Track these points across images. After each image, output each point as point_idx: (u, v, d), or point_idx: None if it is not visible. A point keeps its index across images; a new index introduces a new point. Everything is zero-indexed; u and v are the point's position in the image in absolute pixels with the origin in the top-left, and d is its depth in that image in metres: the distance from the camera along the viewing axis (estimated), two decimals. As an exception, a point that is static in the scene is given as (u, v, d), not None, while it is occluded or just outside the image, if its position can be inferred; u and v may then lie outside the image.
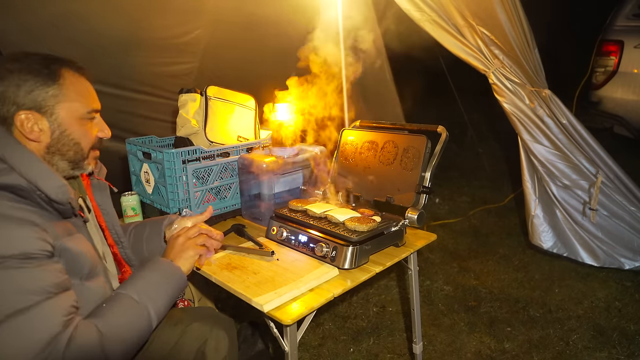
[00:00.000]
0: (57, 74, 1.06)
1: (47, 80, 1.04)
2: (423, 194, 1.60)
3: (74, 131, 1.09)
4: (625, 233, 2.59)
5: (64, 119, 1.07)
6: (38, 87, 1.03)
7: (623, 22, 3.89)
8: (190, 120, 1.99)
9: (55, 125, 1.06)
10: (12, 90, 1.01)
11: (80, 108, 1.09)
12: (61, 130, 1.07)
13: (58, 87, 1.05)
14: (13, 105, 1.02)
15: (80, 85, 1.10)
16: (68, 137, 1.08)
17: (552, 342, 2.16)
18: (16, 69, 1.02)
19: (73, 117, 1.08)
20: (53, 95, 1.04)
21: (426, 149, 1.63)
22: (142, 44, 3.03)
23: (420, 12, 2.39)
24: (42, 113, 1.04)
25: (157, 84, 3.34)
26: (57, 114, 1.06)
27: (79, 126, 1.10)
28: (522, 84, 2.45)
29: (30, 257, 0.93)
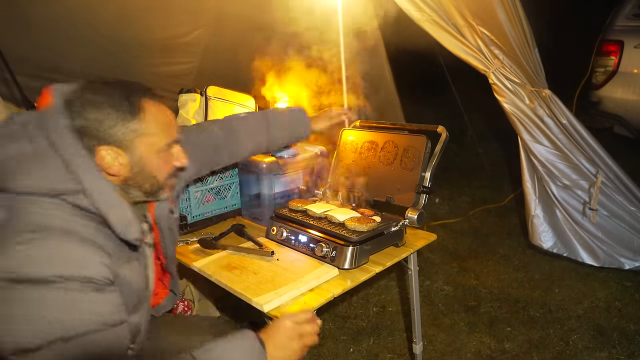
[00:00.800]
0: (138, 107, 1.03)
1: (128, 114, 1.01)
2: (423, 194, 1.60)
3: (152, 165, 1.07)
4: (625, 233, 2.59)
5: (143, 153, 1.04)
6: (119, 123, 1.00)
7: (623, 22, 3.88)
8: (190, 120, 1.99)
9: (134, 160, 1.03)
10: (94, 126, 0.98)
11: (159, 141, 1.06)
12: (142, 166, 1.05)
13: (138, 121, 1.02)
14: (94, 139, 0.99)
15: (160, 115, 1.07)
16: (146, 172, 1.06)
17: (552, 342, 2.16)
18: (98, 102, 0.99)
19: (152, 150, 1.06)
20: (133, 130, 1.02)
21: (426, 149, 1.63)
22: (142, 44, 3.03)
23: (420, 12, 2.39)
24: (122, 148, 1.01)
25: (157, 84, 3.33)
26: (136, 148, 1.03)
27: (157, 159, 1.07)
28: (522, 84, 2.45)
29: (91, 281, 0.89)
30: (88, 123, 0.98)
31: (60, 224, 0.92)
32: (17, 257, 0.85)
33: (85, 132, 0.98)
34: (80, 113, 0.98)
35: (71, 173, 0.94)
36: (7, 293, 0.84)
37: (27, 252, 0.86)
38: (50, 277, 0.85)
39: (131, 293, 1.04)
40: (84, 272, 0.89)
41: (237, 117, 1.59)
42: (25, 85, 2.49)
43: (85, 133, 0.98)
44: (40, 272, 0.85)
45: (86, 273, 0.89)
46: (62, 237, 0.90)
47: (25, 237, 0.87)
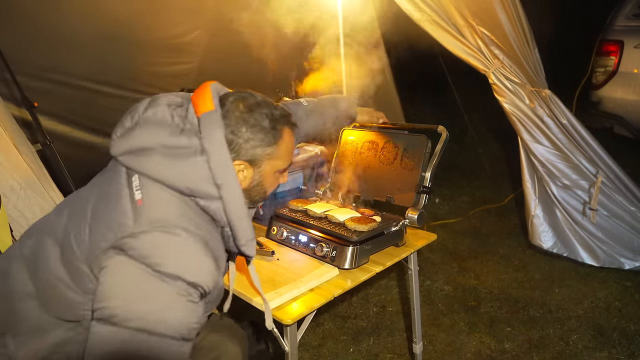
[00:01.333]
0: (280, 135, 1.09)
1: (270, 140, 1.07)
2: (423, 194, 1.60)
3: (268, 182, 1.14)
4: (625, 233, 2.59)
5: (266, 172, 1.11)
6: (262, 146, 1.06)
7: (623, 22, 3.88)
8: (191, 120, 1.99)
9: (257, 176, 1.10)
10: (240, 142, 1.03)
11: (281, 165, 1.14)
12: (259, 181, 1.11)
13: (276, 147, 1.08)
14: (234, 153, 1.04)
15: (290, 143, 1.14)
16: (261, 187, 1.13)
17: (552, 342, 2.16)
18: (252, 122, 1.04)
19: (272, 171, 1.13)
20: (269, 153, 1.08)
21: (426, 148, 1.63)
22: (142, 44, 3.03)
23: (420, 12, 2.39)
24: (251, 164, 1.07)
25: (157, 84, 3.34)
26: (263, 167, 1.09)
27: (273, 178, 1.15)
28: (522, 84, 2.45)
29: (196, 288, 0.92)
30: (236, 138, 1.03)
31: (188, 222, 0.96)
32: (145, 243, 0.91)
33: (231, 144, 1.03)
34: (230, 126, 1.02)
35: (214, 178, 0.98)
36: (124, 267, 0.90)
37: (154, 242, 0.92)
38: (165, 272, 0.90)
39: (218, 296, 1.09)
40: (195, 279, 0.92)
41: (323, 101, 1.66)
42: (25, 85, 2.49)
43: (231, 145, 1.03)
44: (158, 263, 0.90)
45: (196, 280, 0.92)
46: (190, 236, 0.94)
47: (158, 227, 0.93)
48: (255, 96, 1.09)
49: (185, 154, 0.98)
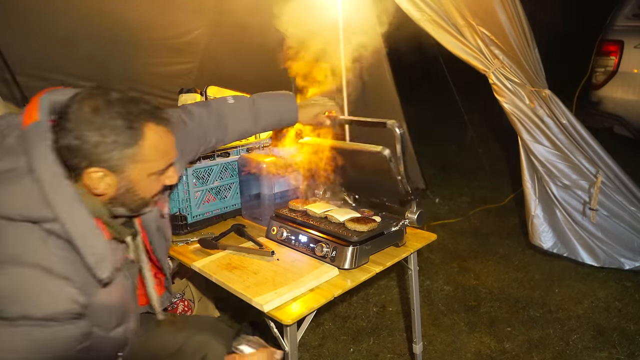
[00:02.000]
0: (140, 133, 0.97)
1: (128, 140, 0.95)
2: (411, 200, 1.56)
3: (141, 188, 1.03)
4: (625, 233, 2.59)
5: (134, 177, 1.00)
6: (117, 148, 0.94)
7: (623, 22, 3.88)
8: (190, 120, 1.99)
9: (123, 183, 0.99)
10: (87, 147, 0.92)
11: (153, 167, 1.02)
12: (128, 187, 1.01)
13: (137, 148, 0.97)
14: (85, 160, 0.93)
15: (160, 141, 1.01)
16: (134, 193, 1.03)
17: (552, 342, 2.16)
18: (98, 123, 0.92)
19: (144, 175, 1.01)
20: (130, 156, 0.97)
21: (390, 160, 1.50)
22: (142, 44, 3.03)
23: (420, 12, 2.39)
24: (112, 171, 0.96)
25: (157, 84, 3.34)
26: (128, 172, 0.98)
27: (147, 182, 1.03)
28: (522, 84, 2.45)
29: (53, 319, 0.89)
30: (81, 144, 0.92)
31: (30, 255, 0.90)
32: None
33: (76, 152, 0.92)
34: (73, 131, 0.91)
35: (46, 200, 0.90)
36: None
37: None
38: (13, 316, 0.86)
39: (110, 313, 1.03)
40: (48, 311, 0.88)
41: (226, 102, 1.51)
42: (25, 85, 2.49)
43: (76, 152, 0.92)
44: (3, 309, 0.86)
45: (49, 312, 0.89)
46: (32, 270, 0.89)
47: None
48: (109, 93, 0.96)
49: (11, 178, 0.90)
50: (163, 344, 1.31)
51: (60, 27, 2.65)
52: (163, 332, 1.34)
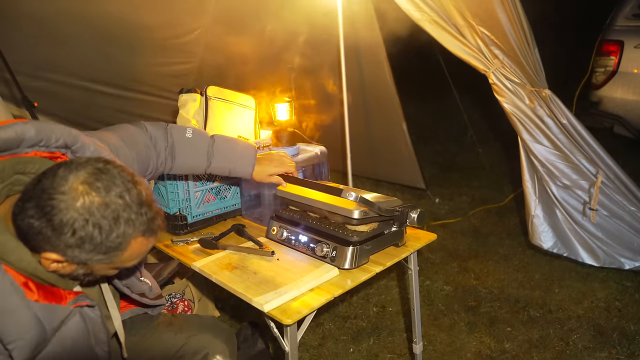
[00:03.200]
0: (124, 246, 0.87)
1: (109, 251, 0.86)
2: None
3: (99, 273, 0.95)
4: (625, 233, 2.59)
5: (96, 269, 0.92)
6: (92, 254, 0.85)
7: (623, 22, 3.88)
8: (191, 120, 1.99)
9: (81, 271, 0.91)
10: (59, 243, 0.82)
11: (120, 265, 0.94)
12: (85, 273, 0.92)
13: (111, 257, 0.87)
14: (50, 246, 0.83)
15: (140, 252, 0.92)
16: (91, 275, 0.95)
17: (552, 342, 2.16)
18: (84, 230, 0.82)
19: (107, 268, 0.94)
20: (102, 259, 0.87)
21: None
22: (142, 44, 3.03)
23: (420, 12, 2.39)
24: (75, 263, 0.87)
25: (157, 84, 3.34)
26: (92, 265, 0.89)
27: (106, 271, 0.96)
28: (522, 84, 2.45)
29: None
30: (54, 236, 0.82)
31: None
32: None
33: (45, 238, 0.82)
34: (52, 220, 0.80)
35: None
36: None
37: None
38: None
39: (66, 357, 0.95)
40: None
41: (184, 134, 1.42)
42: (25, 85, 2.50)
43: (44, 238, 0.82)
44: None
45: None
46: None
47: None
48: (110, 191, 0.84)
49: None
50: (163, 344, 1.31)
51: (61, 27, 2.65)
52: (163, 333, 1.34)
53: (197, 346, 1.29)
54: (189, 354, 1.29)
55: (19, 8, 2.48)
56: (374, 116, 3.92)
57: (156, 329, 1.35)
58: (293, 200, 1.61)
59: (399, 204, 1.53)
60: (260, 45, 3.53)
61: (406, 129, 3.73)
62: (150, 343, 1.32)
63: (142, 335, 1.32)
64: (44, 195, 0.81)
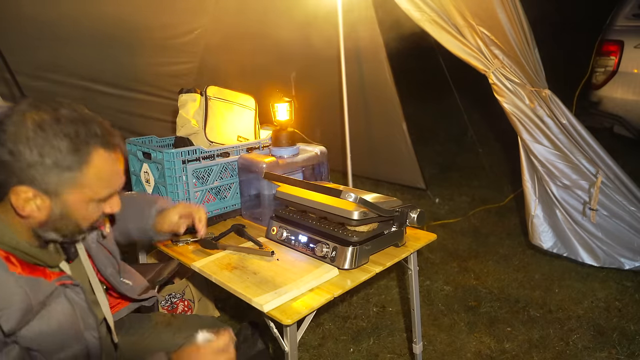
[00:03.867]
0: (86, 159, 0.87)
1: (71, 165, 0.86)
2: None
3: (78, 214, 0.93)
4: (625, 233, 2.59)
5: (71, 202, 0.90)
6: (55, 171, 0.85)
7: (623, 22, 3.88)
8: (190, 120, 1.99)
9: (57, 207, 0.89)
10: (21, 165, 0.83)
11: (94, 195, 0.92)
12: (63, 213, 0.91)
13: (79, 173, 0.87)
14: (14, 177, 0.84)
15: (106, 169, 0.92)
16: (68, 219, 0.92)
17: (552, 342, 2.16)
18: (39, 141, 0.83)
19: (82, 201, 0.91)
20: (69, 180, 0.87)
21: None
22: (142, 44, 3.03)
23: (420, 12, 2.39)
24: (47, 194, 0.87)
25: (157, 84, 3.35)
26: (65, 197, 0.88)
27: (85, 209, 0.93)
28: (522, 84, 2.45)
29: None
30: (14, 160, 0.82)
31: None
32: None
33: (5, 168, 0.82)
34: (6, 145, 0.82)
35: None
36: None
37: None
38: None
39: (47, 342, 0.93)
40: None
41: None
42: (25, 85, 2.50)
43: (6, 169, 0.83)
44: None
45: None
46: None
47: None
48: (59, 109, 0.86)
49: None
50: (162, 344, 1.31)
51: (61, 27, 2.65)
52: (161, 333, 1.34)
53: None
54: None
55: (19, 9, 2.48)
56: (374, 116, 3.92)
57: (155, 328, 1.35)
58: (293, 201, 1.61)
59: (398, 204, 1.53)
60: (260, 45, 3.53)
61: (406, 129, 3.73)
62: (148, 343, 1.32)
63: (140, 335, 1.32)
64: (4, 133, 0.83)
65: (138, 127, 3.35)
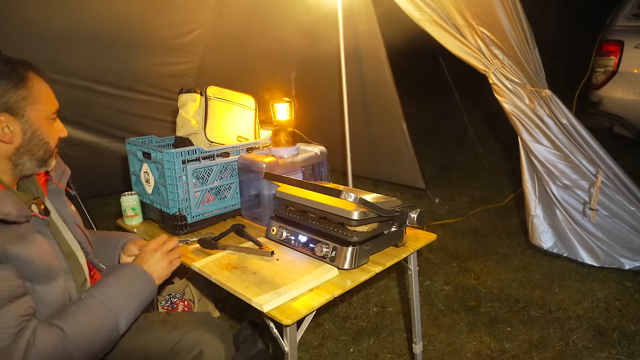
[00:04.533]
0: (25, 76, 1.10)
1: (17, 82, 1.08)
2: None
3: (44, 131, 1.14)
4: (625, 233, 2.59)
5: (34, 120, 1.11)
6: (10, 90, 1.06)
7: (623, 22, 3.88)
8: (190, 120, 1.99)
9: (27, 126, 1.10)
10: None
11: (46, 109, 1.15)
12: (32, 131, 1.11)
13: (27, 90, 1.09)
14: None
15: (43, 87, 1.15)
16: (39, 137, 1.13)
17: (552, 342, 2.16)
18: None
19: (42, 117, 1.13)
20: (24, 97, 1.08)
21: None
22: (142, 44, 3.03)
23: (420, 12, 2.39)
24: (14, 115, 1.07)
25: (157, 84, 3.35)
26: (27, 115, 1.10)
27: (47, 126, 1.15)
28: (522, 84, 2.45)
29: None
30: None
31: None
32: None
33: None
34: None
35: None
36: None
37: None
38: None
39: (34, 267, 1.03)
40: None
41: None
42: (25, 85, 2.49)
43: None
44: None
45: None
46: None
47: None
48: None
49: None
50: (158, 342, 1.31)
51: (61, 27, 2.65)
52: (157, 331, 1.34)
53: (191, 342, 1.30)
54: (184, 350, 1.29)
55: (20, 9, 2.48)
56: (374, 116, 3.92)
57: (151, 326, 1.36)
58: (292, 201, 1.62)
59: (398, 204, 1.53)
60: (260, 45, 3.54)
61: (406, 129, 3.73)
62: (145, 340, 1.32)
63: (136, 333, 1.32)
64: None
65: (138, 127, 3.35)
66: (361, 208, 1.39)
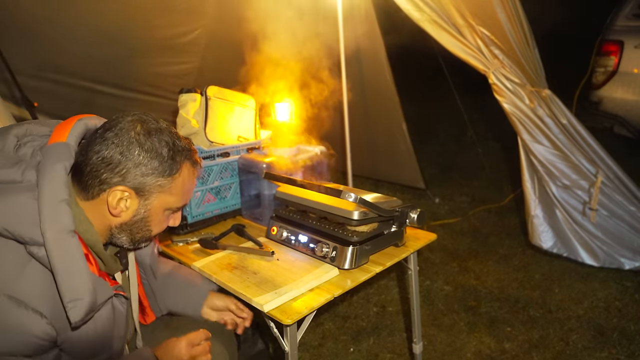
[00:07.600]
0: (178, 168, 1.01)
1: (166, 170, 0.98)
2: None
3: (154, 220, 1.04)
4: (625, 233, 2.59)
5: (154, 207, 1.01)
6: (154, 175, 0.97)
7: (623, 22, 3.89)
8: (190, 120, 1.99)
9: (142, 210, 1.00)
10: (128, 165, 0.94)
11: (174, 203, 1.05)
12: (144, 216, 1.02)
13: (171, 179, 1.00)
14: (119, 177, 0.94)
15: (188, 181, 1.06)
16: (145, 223, 1.03)
17: (552, 342, 2.16)
18: (146, 146, 0.95)
19: (163, 207, 1.03)
20: (161, 185, 0.99)
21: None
22: (142, 44, 3.03)
23: (420, 12, 2.39)
24: (139, 195, 0.98)
25: (157, 84, 3.34)
26: (151, 200, 1.00)
27: (160, 216, 1.05)
28: (522, 84, 2.45)
29: (19, 355, 0.85)
30: (124, 160, 0.93)
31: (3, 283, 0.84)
32: None
33: (114, 166, 0.93)
34: (120, 146, 0.93)
35: (40, 221, 0.84)
36: None
37: None
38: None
39: (86, 347, 0.97)
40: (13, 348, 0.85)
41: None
42: (25, 85, 2.49)
43: (114, 167, 0.93)
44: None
45: (15, 348, 0.85)
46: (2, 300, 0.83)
47: None
48: (159, 122, 1.00)
49: (10, 190, 0.86)
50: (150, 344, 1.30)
51: (61, 27, 2.65)
52: (161, 338, 1.34)
53: None
54: None
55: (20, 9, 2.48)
56: (374, 116, 3.92)
57: (154, 330, 1.35)
58: (293, 201, 1.61)
59: (398, 204, 1.53)
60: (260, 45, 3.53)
61: (406, 129, 3.73)
62: (147, 343, 1.32)
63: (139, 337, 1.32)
64: (105, 134, 0.95)
65: (138, 127, 3.34)
66: (361, 208, 1.39)
